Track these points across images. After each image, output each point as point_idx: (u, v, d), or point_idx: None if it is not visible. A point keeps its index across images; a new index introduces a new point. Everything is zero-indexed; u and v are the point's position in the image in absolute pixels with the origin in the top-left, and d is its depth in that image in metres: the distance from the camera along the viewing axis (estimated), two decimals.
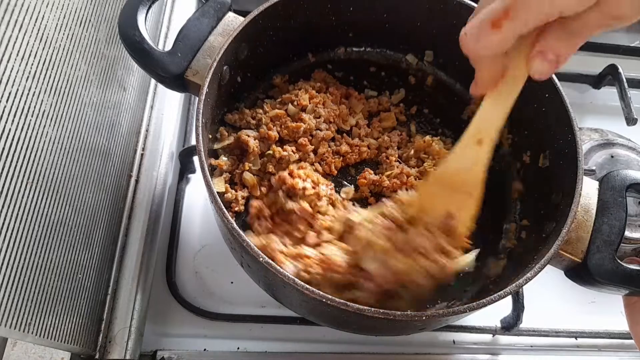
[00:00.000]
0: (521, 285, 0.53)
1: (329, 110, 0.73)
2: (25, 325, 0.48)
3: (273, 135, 0.69)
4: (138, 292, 0.68)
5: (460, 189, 0.54)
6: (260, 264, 0.50)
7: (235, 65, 0.66)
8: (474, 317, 0.71)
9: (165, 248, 0.75)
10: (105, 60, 0.65)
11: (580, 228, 0.59)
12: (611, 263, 0.57)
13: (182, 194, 0.80)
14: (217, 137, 0.69)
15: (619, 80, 0.94)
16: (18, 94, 0.46)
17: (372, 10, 0.73)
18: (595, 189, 0.61)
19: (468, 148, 0.52)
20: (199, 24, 0.63)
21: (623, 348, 0.78)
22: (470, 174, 0.53)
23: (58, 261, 0.54)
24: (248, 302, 0.73)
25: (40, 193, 0.50)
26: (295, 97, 0.72)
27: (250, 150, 0.67)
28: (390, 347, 0.73)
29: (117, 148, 0.70)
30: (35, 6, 0.49)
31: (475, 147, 0.52)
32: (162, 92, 0.83)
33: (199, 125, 0.56)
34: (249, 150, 0.67)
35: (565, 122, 0.62)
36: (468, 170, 0.53)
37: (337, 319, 0.59)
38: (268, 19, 0.66)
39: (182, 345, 0.70)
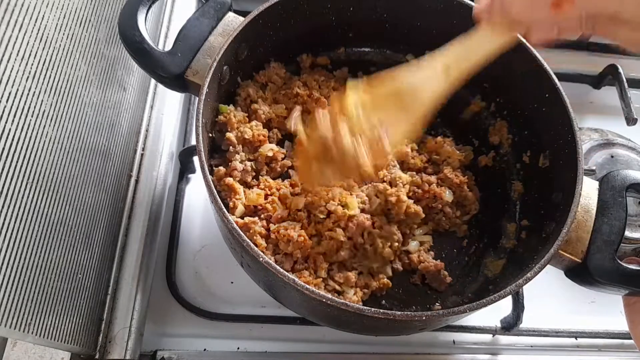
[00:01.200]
0: (521, 285, 0.53)
1: None
2: (25, 325, 0.48)
3: None
4: (138, 292, 0.68)
5: (402, 105, 0.52)
6: (260, 264, 0.50)
7: (235, 65, 0.66)
8: (474, 317, 0.71)
9: (165, 248, 0.75)
10: (105, 60, 0.65)
11: (580, 228, 0.59)
12: (611, 263, 0.57)
13: (182, 194, 0.80)
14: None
15: (619, 80, 0.94)
16: (18, 94, 0.46)
17: (372, 10, 0.73)
18: (595, 189, 0.61)
19: (431, 68, 0.50)
20: (199, 24, 0.63)
21: (623, 348, 0.78)
22: (420, 94, 0.51)
23: (58, 261, 0.54)
24: (248, 302, 0.73)
25: (40, 193, 0.50)
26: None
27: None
28: (390, 347, 0.73)
29: (117, 148, 0.70)
30: (35, 6, 0.49)
31: (439, 72, 0.50)
32: (162, 92, 0.83)
33: (199, 125, 0.56)
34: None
35: (565, 122, 0.62)
36: (418, 89, 0.51)
37: (337, 319, 0.59)
38: (268, 19, 0.66)
39: (182, 345, 0.70)
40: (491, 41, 0.46)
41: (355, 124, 0.53)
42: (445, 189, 0.71)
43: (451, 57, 0.49)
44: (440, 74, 0.49)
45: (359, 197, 0.67)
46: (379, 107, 0.53)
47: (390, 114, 0.53)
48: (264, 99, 0.72)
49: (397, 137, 0.53)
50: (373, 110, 0.53)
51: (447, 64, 0.49)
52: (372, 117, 0.53)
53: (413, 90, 0.51)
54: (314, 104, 0.73)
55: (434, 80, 0.50)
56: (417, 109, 0.52)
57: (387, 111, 0.53)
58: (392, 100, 0.53)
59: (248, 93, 0.70)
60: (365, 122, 0.53)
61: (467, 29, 0.70)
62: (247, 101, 0.71)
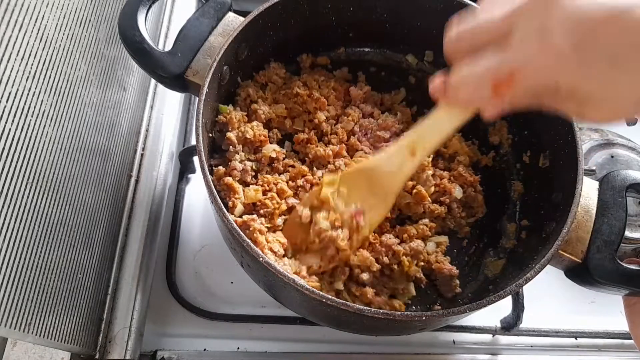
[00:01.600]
0: (521, 286, 0.53)
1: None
2: (25, 325, 0.48)
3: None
4: (138, 292, 0.68)
5: (377, 190, 0.56)
6: (260, 264, 0.50)
7: (235, 65, 0.66)
8: (474, 317, 0.71)
9: (165, 248, 0.75)
10: (105, 60, 0.65)
11: (580, 228, 0.59)
12: (611, 263, 0.57)
13: (182, 194, 0.80)
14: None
15: None
16: (18, 94, 0.46)
17: (373, 10, 0.73)
18: (595, 189, 0.61)
19: (399, 154, 0.53)
20: (199, 24, 0.63)
21: (623, 348, 0.78)
22: (391, 179, 0.55)
23: (58, 261, 0.54)
24: (248, 302, 0.73)
25: (40, 193, 0.50)
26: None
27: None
28: (390, 347, 0.73)
29: (117, 148, 0.70)
30: (35, 6, 0.49)
31: (406, 155, 0.53)
32: (162, 92, 0.83)
33: (199, 125, 0.56)
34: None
35: (566, 122, 0.62)
36: (391, 175, 0.55)
37: (337, 319, 0.59)
38: (268, 19, 0.66)
39: (182, 345, 0.70)
40: (450, 119, 0.48)
41: (334, 213, 0.58)
42: (456, 186, 0.71)
43: (416, 139, 0.52)
44: (408, 157, 0.53)
45: None
46: (354, 195, 0.58)
47: (366, 199, 0.57)
48: (263, 99, 0.72)
49: (373, 220, 0.59)
50: (349, 198, 0.58)
51: (413, 147, 0.52)
52: (349, 205, 0.58)
53: (384, 176, 0.55)
54: (314, 104, 0.73)
55: (402, 164, 0.54)
56: (389, 192, 0.56)
57: (362, 198, 0.58)
58: (365, 187, 0.57)
59: (248, 93, 0.70)
60: (343, 210, 0.58)
61: None
62: (247, 101, 0.71)
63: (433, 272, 0.67)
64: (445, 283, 0.66)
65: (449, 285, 0.66)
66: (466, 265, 0.70)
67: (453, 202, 0.70)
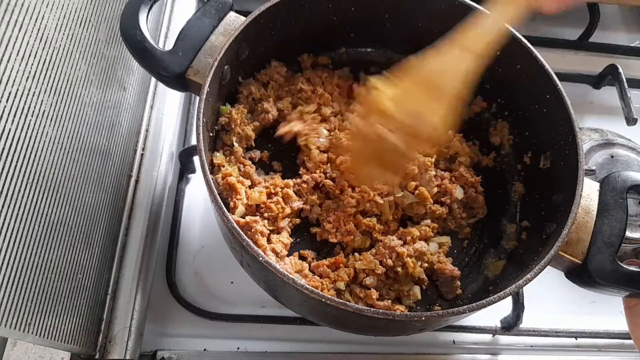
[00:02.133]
0: (521, 286, 0.53)
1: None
2: (25, 325, 0.48)
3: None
4: (138, 292, 0.68)
5: (434, 93, 0.52)
6: (260, 263, 0.50)
7: (236, 65, 0.66)
8: (474, 317, 0.71)
9: (165, 248, 0.75)
10: (105, 60, 0.65)
11: (580, 229, 0.59)
12: (611, 264, 0.57)
13: (182, 194, 0.79)
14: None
15: (619, 80, 0.94)
16: (18, 94, 0.46)
17: (374, 11, 0.73)
18: (595, 191, 0.61)
19: (451, 51, 0.50)
20: (200, 23, 0.63)
21: (623, 348, 0.79)
22: (448, 78, 0.50)
23: (58, 261, 0.54)
24: (248, 302, 0.73)
25: (40, 193, 0.50)
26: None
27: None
28: (390, 347, 0.73)
29: (117, 148, 0.70)
30: (35, 6, 0.48)
31: (461, 52, 0.49)
32: (162, 92, 0.83)
33: (199, 125, 0.56)
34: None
35: (566, 123, 0.62)
36: (445, 73, 0.50)
37: (336, 319, 0.59)
38: (269, 19, 0.65)
39: (182, 345, 0.70)
40: (505, 13, 0.46)
41: (393, 120, 0.53)
42: (457, 186, 0.70)
43: (468, 37, 0.49)
44: (462, 54, 0.49)
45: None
46: (410, 98, 0.52)
47: (424, 103, 0.52)
48: (266, 96, 0.71)
49: (437, 124, 0.53)
50: (406, 102, 0.52)
51: (465, 44, 0.49)
52: (408, 109, 0.52)
53: (440, 74, 0.51)
54: (319, 100, 0.73)
55: (458, 60, 0.49)
56: (449, 92, 0.51)
57: (420, 101, 0.52)
58: (421, 89, 0.52)
59: (250, 91, 0.70)
60: (402, 115, 0.52)
61: None
62: (250, 99, 0.71)
63: (435, 272, 0.67)
64: (447, 284, 0.66)
65: (451, 287, 0.66)
66: (466, 266, 0.70)
67: (454, 203, 0.70)
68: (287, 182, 0.67)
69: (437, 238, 0.69)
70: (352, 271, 0.63)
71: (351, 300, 0.61)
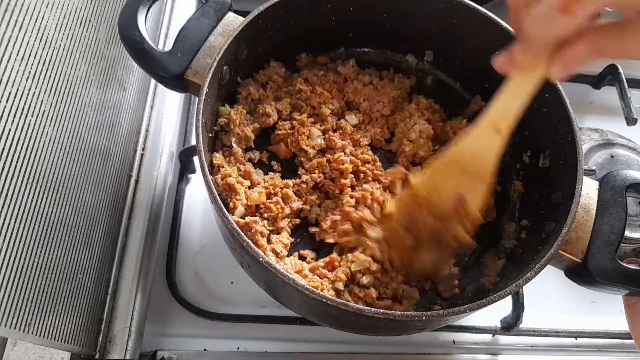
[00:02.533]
0: (521, 285, 0.53)
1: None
2: (25, 325, 0.48)
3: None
4: (138, 292, 0.68)
5: (471, 174, 0.55)
6: (260, 264, 0.50)
7: (235, 65, 0.66)
8: (474, 317, 0.71)
9: (165, 248, 0.75)
10: (105, 60, 0.65)
11: (580, 228, 0.59)
12: (611, 263, 0.57)
13: (182, 194, 0.80)
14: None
15: (619, 80, 0.94)
16: (18, 94, 0.46)
17: (373, 10, 0.73)
18: (595, 189, 0.61)
19: (485, 134, 0.52)
20: (199, 24, 0.63)
21: (623, 348, 0.78)
22: (484, 160, 0.53)
23: (58, 261, 0.54)
24: (248, 302, 0.73)
25: (40, 193, 0.50)
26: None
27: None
28: (390, 347, 0.73)
29: (117, 148, 0.70)
30: (35, 6, 0.49)
31: (491, 133, 0.52)
32: (162, 92, 0.83)
33: (199, 125, 0.56)
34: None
35: (565, 122, 0.62)
36: (481, 155, 0.53)
37: (337, 319, 0.59)
38: (268, 19, 0.66)
39: (182, 345, 0.70)
40: (524, 86, 0.48)
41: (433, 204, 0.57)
42: None
43: (495, 115, 0.51)
44: (493, 134, 0.52)
45: None
46: (448, 185, 0.56)
47: (462, 185, 0.56)
48: (265, 97, 0.72)
49: (477, 200, 0.56)
50: (443, 187, 0.56)
51: (495, 123, 0.51)
52: (446, 193, 0.56)
53: (473, 156, 0.54)
54: (318, 99, 0.73)
55: (489, 143, 0.52)
56: (485, 171, 0.54)
57: (458, 185, 0.56)
58: (458, 175, 0.55)
59: (249, 91, 0.70)
60: (441, 198, 0.56)
61: (467, 28, 0.71)
62: (249, 99, 0.71)
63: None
64: (445, 283, 0.66)
65: (449, 286, 0.66)
66: (466, 265, 0.70)
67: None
68: (286, 182, 0.68)
69: None
70: (349, 271, 0.63)
71: (351, 300, 0.61)
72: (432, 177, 0.57)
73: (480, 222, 0.59)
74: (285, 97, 0.73)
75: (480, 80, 0.76)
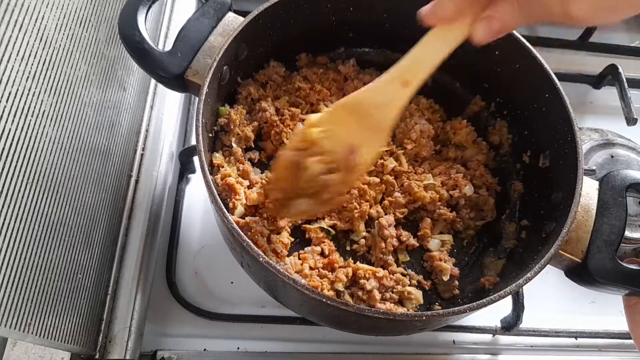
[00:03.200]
0: (521, 285, 0.53)
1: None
2: (25, 325, 0.48)
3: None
4: (138, 292, 0.68)
5: (368, 124, 0.53)
6: (260, 264, 0.50)
7: (235, 65, 0.66)
8: (474, 317, 0.71)
9: (165, 248, 0.75)
10: (105, 60, 0.65)
11: (580, 228, 0.59)
12: (611, 263, 0.57)
13: (182, 194, 0.80)
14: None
15: (619, 80, 0.94)
16: (18, 94, 0.46)
17: (372, 10, 0.73)
18: (595, 189, 0.61)
19: (390, 85, 0.51)
20: (199, 24, 0.63)
21: (623, 348, 0.78)
22: (384, 111, 0.51)
23: (58, 261, 0.54)
24: (248, 302, 0.73)
25: (40, 193, 0.50)
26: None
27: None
28: (390, 347, 0.73)
29: (117, 148, 0.70)
30: (35, 6, 0.49)
31: (397, 86, 0.50)
32: (162, 92, 0.83)
33: (199, 126, 0.56)
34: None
35: (565, 122, 0.62)
36: (383, 107, 0.51)
37: (337, 319, 0.59)
38: (268, 19, 0.66)
39: (182, 345, 0.70)
40: (441, 44, 0.47)
41: (324, 151, 0.54)
42: (468, 183, 0.71)
43: (407, 68, 0.50)
44: (400, 88, 0.50)
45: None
46: (344, 131, 0.53)
47: (358, 135, 0.53)
48: (264, 96, 0.72)
49: (369, 155, 0.54)
50: (339, 136, 0.54)
51: (404, 77, 0.50)
52: (340, 143, 0.53)
53: (376, 108, 0.52)
54: (317, 97, 0.73)
55: (393, 95, 0.51)
56: (383, 126, 0.52)
57: (354, 133, 0.53)
58: (356, 122, 0.53)
59: (249, 91, 0.70)
60: (334, 149, 0.53)
61: None
62: (248, 99, 0.71)
63: (434, 270, 0.67)
64: (445, 283, 0.66)
65: (449, 286, 0.66)
66: (466, 265, 0.70)
67: (461, 199, 0.70)
68: None
69: (439, 235, 0.69)
70: (349, 271, 0.63)
71: (351, 301, 0.61)
72: (328, 121, 0.54)
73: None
74: (284, 95, 0.73)
75: (480, 80, 0.76)
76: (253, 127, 0.70)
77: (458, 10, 0.43)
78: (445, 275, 0.66)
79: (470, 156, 0.74)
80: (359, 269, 0.63)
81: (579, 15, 0.37)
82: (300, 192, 0.55)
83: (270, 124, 0.70)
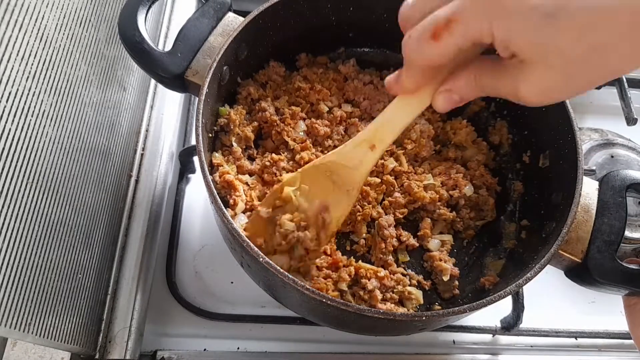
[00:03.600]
0: (521, 285, 0.53)
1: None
2: (25, 325, 0.48)
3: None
4: (138, 292, 0.68)
5: (339, 185, 0.56)
6: (260, 264, 0.50)
7: (235, 66, 0.66)
8: (474, 317, 0.71)
9: (165, 248, 0.75)
10: (105, 60, 0.65)
11: (580, 228, 0.59)
12: (611, 263, 0.57)
13: (182, 194, 0.80)
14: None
15: (619, 80, 0.94)
16: (18, 94, 0.46)
17: (372, 10, 0.73)
18: (595, 189, 0.61)
19: (359, 148, 0.53)
20: (199, 24, 0.63)
21: (623, 348, 0.78)
22: (353, 174, 0.55)
23: (58, 261, 0.54)
24: (248, 302, 0.73)
25: (40, 193, 0.50)
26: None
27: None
28: (390, 347, 0.73)
29: (117, 148, 0.70)
30: (35, 6, 0.49)
31: (366, 149, 0.53)
32: (162, 92, 0.83)
33: (199, 126, 0.56)
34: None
35: (565, 122, 0.62)
36: (352, 169, 0.54)
37: (337, 319, 0.59)
38: (268, 19, 0.66)
39: (182, 345, 0.70)
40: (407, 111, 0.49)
41: (298, 213, 0.57)
42: (468, 183, 0.71)
43: (374, 134, 0.52)
44: (367, 151, 0.53)
45: None
46: (317, 191, 0.57)
47: (329, 194, 0.57)
48: (264, 96, 0.72)
49: (339, 214, 0.57)
50: (312, 195, 0.57)
51: (372, 141, 0.52)
52: (312, 202, 0.57)
53: (345, 171, 0.55)
54: (317, 96, 0.73)
55: (362, 159, 0.54)
56: (352, 187, 0.56)
57: (326, 193, 0.57)
58: (327, 182, 0.56)
59: (249, 91, 0.70)
60: (307, 208, 0.57)
61: None
62: (248, 99, 0.71)
63: (434, 270, 0.67)
64: (445, 283, 0.66)
65: (449, 286, 0.66)
66: (466, 265, 0.70)
67: (461, 199, 0.70)
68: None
69: (439, 235, 0.69)
70: (352, 270, 0.63)
71: (352, 302, 0.61)
72: (302, 180, 0.58)
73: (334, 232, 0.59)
74: (284, 95, 0.73)
75: None
76: (253, 127, 0.70)
77: (418, 86, 0.45)
78: (445, 275, 0.66)
79: (470, 156, 0.74)
80: (360, 268, 0.63)
81: (526, 97, 0.38)
82: (277, 247, 0.58)
83: (270, 124, 0.70)
